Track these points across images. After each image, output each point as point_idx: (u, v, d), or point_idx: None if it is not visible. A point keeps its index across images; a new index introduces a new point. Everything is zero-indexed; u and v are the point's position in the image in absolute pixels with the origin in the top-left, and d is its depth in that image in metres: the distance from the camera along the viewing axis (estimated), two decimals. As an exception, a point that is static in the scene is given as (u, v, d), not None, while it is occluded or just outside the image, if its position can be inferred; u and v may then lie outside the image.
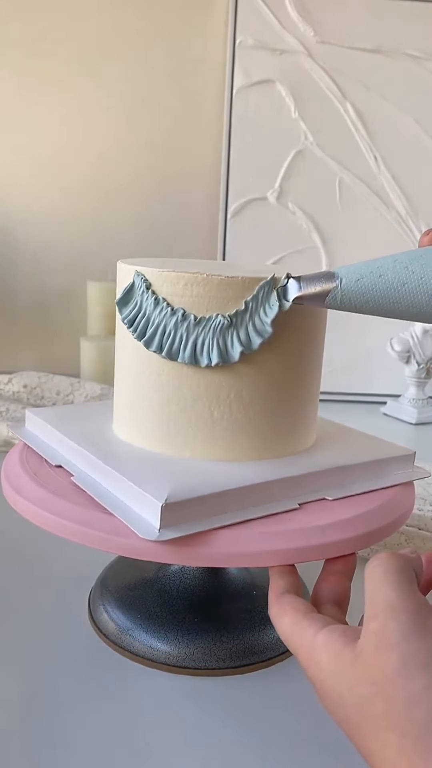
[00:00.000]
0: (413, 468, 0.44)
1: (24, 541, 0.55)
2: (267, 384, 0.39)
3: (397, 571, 0.28)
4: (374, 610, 0.27)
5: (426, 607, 0.27)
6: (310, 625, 0.30)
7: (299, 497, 0.38)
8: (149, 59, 1.06)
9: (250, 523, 0.35)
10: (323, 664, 0.28)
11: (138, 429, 0.41)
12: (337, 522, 0.36)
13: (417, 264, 0.33)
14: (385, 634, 0.26)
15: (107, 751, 0.35)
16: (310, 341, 0.41)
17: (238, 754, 0.35)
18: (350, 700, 0.26)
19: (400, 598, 0.27)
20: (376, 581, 0.28)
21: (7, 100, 1.06)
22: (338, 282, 0.34)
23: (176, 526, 0.34)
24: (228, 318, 0.37)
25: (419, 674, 0.24)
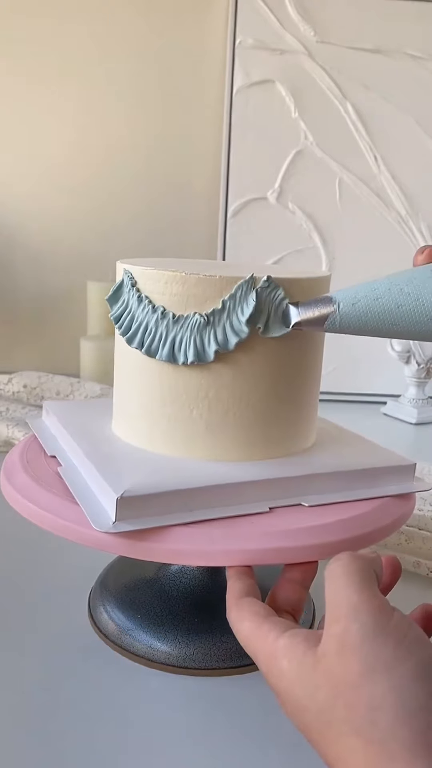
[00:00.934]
0: (412, 480, 0.42)
1: (24, 541, 0.55)
2: (246, 385, 0.39)
3: (358, 573, 0.28)
4: (336, 612, 0.26)
5: (387, 608, 0.26)
6: (270, 630, 0.29)
7: (272, 501, 0.38)
8: (149, 59, 1.06)
9: (213, 523, 0.35)
10: (284, 670, 0.27)
11: (128, 425, 0.42)
12: (301, 529, 0.35)
13: (412, 285, 0.33)
14: (347, 638, 0.25)
15: (107, 751, 0.35)
16: (297, 344, 0.40)
17: (238, 754, 0.35)
18: (312, 706, 0.26)
19: (362, 600, 0.26)
20: (337, 583, 0.27)
21: (7, 101, 1.06)
22: (336, 306, 0.35)
23: (133, 520, 0.34)
24: (205, 317, 0.37)
25: (382, 677, 0.24)
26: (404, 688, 0.24)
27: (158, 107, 1.08)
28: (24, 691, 0.39)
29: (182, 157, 1.10)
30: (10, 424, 0.75)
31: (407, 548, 0.55)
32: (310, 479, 0.39)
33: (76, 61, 1.05)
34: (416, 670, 0.24)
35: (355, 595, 0.26)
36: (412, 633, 0.26)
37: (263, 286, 0.37)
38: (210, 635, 0.41)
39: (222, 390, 0.39)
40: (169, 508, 0.35)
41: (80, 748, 0.35)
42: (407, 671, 0.24)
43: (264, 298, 0.37)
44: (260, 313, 0.37)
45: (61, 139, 1.08)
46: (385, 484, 0.41)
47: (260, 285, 0.37)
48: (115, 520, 0.34)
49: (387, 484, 0.41)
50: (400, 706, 0.23)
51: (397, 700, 0.23)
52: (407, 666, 0.24)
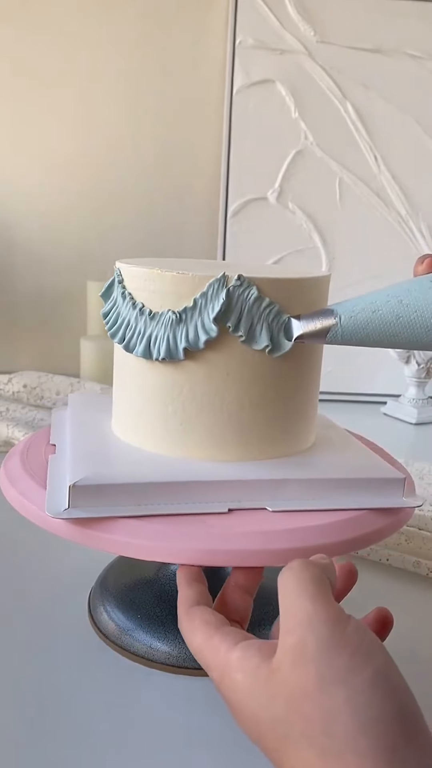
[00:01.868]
0: (401, 494, 0.39)
1: (24, 541, 0.55)
2: (219, 384, 0.38)
3: (312, 581, 0.27)
4: (290, 623, 0.26)
5: (342, 617, 0.26)
6: (222, 641, 0.28)
7: (235, 502, 0.37)
8: (149, 59, 1.06)
9: (167, 518, 0.35)
10: (238, 683, 0.27)
11: (118, 420, 0.44)
12: (252, 532, 0.34)
13: (411, 297, 0.34)
14: (302, 649, 0.25)
15: (107, 751, 0.35)
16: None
17: (238, 754, 0.35)
18: (267, 719, 0.25)
19: (316, 610, 0.26)
20: (290, 592, 0.27)
21: (7, 101, 1.06)
22: (338, 319, 0.35)
23: (86, 508, 0.35)
24: (177, 314, 0.38)
25: (337, 688, 0.23)
26: (360, 697, 0.23)
27: (158, 107, 1.08)
28: (24, 690, 0.39)
29: (182, 157, 1.10)
30: (10, 424, 0.75)
31: (407, 548, 0.55)
32: (278, 484, 0.38)
33: (76, 61, 1.05)
34: (372, 679, 0.24)
35: (309, 605, 0.26)
36: (367, 641, 0.25)
37: (235, 285, 0.36)
38: (210, 635, 0.41)
39: (195, 388, 0.39)
40: (122, 500, 0.36)
41: (80, 748, 0.35)
42: (363, 681, 0.24)
43: (236, 297, 0.37)
44: (230, 312, 0.37)
45: (61, 139, 1.08)
46: (368, 496, 0.39)
47: (232, 283, 0.36)
48: (67, 507, 0.35)
49: (371, 496, 0.39)
50: (357, 716, 0.23)
51: (353, 711, 0.23)
52: (363, 676, 0.24)
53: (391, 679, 0.24)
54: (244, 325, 0.37)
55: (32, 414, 0.80)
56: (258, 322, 0.37)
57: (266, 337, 0.37)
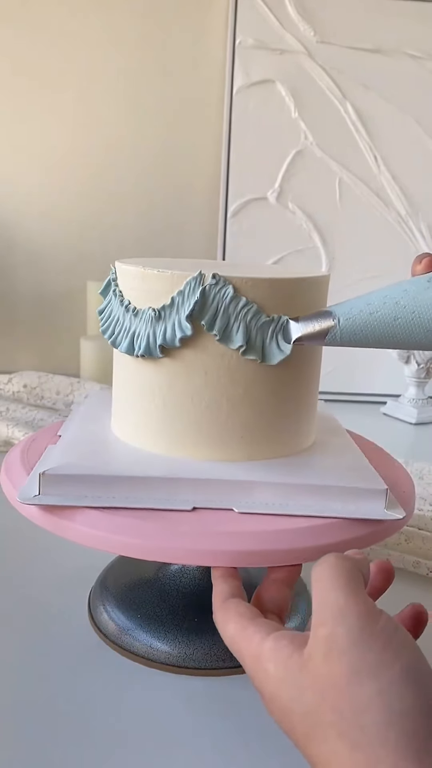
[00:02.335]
0: (383, 505, 0.37)
1: (24, 541, 0.55)
2: (195, 382, 0.39)
3: (345, 575, 0.27)
4: (322, 615, 0.26)
5: (374, 611, 0.26)
6: (256, 632, 0.29)
7: (202, 501, 0.37)
8: (149, 59, 1.06)
9: (130, 512, 0.36)
10: (270, 672, 0.27)
11: (114, 416, 0.45)
12: (210, 532, 0.34)
13: (407, 298, 0.34)
14: (333, 641, 0.25)
15: (107, 751, 0.35)
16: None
17: (238, 754, 0.35)
18: (298, 709, 0.25)
19: (349, 603, 0.26)
20: (323, 585, 0.27)
21: (7, 101, 1.06)
22: (336, 321, 0.35)
23: (53, 496, 0.36)
24: (156, 311, 0.38)
25: (368, 681, 0.24)
26: (391, 691, 0.23)
27: (158, 107, 1.08)
28: (24, 690, 0.39)
29: (182, 157, 1.10)
30: (10, 424, 0.75)
31: (407, 548, 0.55)
32: (246, 486, 0.37)
33: (76, 60, 1.05)
34: (403, 674, 0.24)
35: (341, 598, 0.26)
36: (399, 636, 0.25)
37: (210, 284, 0.37)
38: (210, 635, 0.41)
39: (174, 386, 0.39)
40: (88, 491, 0.36)
41: (80, 748, 0.35)
42: (394, 675, 0.24)
43: (212, 296, 0.37)
44: (205, 310, 0.37)
45: (62, 139, 1.08)
46: (345, 505, 0.37)
47: (207, 282, 0.37)
48: (38, 494, 0.36)
49: (348, 505, 0.37)
50: (387, 709, 0.23)
51: (383, 704, 0.23)
52: (394, 669, 0.24)
53: (422, 674, 0.24)
54: (219, 324, 0.37)
55: (32, 414, 0.80)
56: (235, 321, 0.37)
57: (242, 337, 0.37)
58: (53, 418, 0.80)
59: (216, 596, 0.33)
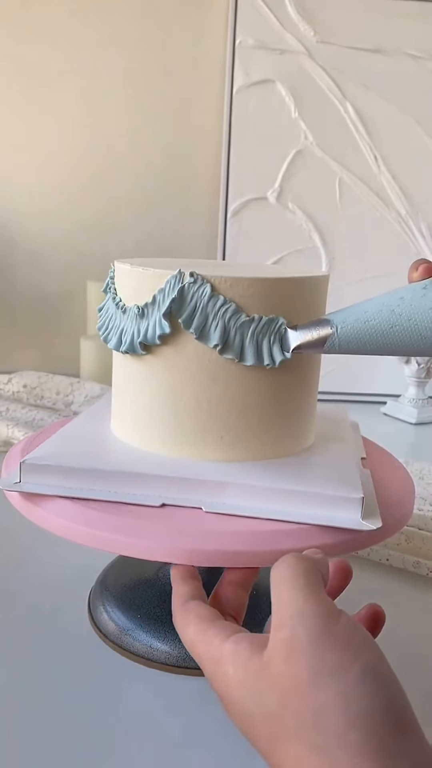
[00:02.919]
0: (359, 515, 0.35)
1: (24, 541, 0.55)
2: (176, 379, 0.39)
3: (304, 575, 0.27)
4: (282, 616, 0.26)
5: (334, 611, 0.26)
6: (216, 634, 0.28)
7: (172, 498, 0.37)
8: (149, 59, 1.06)
9: (101, 504, 0.36)
10: (230, 675, 0.27)
11: (112, 412, 0.46)
12: (172, 529, 0.34)
13: (403, 305, 0.33)
14: (293, 642, 0.25)
15: (107, 751, 0.35)
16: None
17: (238, 754, 0.35)
18: (258, 712, 0.25)
19: (308, 604, 0.26)
20: (282, 586, 0.27)
21: (7, 101, 1.06)
22: (335, 329, 0.35)
23: (31, 484, 0.38)
24: (140, 309, 0.39)
25: (328, 682, 0.24)
26: (351, 692, 0.23)
27: (158, 107, 1.08)
28: (24, 690, 0.39)
29: (182, 157, 1.10)
30: (10, 424, 0.75)
31: (407, 548, 0.55)
32: (216, 486, 0.37)
33: (76, 61, 1.05)
34: (362, 674, 0.24)
35: (300, 599, 0.26)
36: (359, 636, 0.25)
37: (189, 282, 0.37)
38: (210, 635, 0.41)
39: (156, 382, 0.40)
40: (62, 482, 0.38)
41: (80, 748, 0.35)
42: (354, 675, 0.24)
43: (190, 294, 0.37)
44: (183, 308, 0.37)
45: (61, 139, 1.08)
46: (317, 511, 0.36)
47: (186, 281, 0.37)
48: (18, 481, 0.38)
49: (320, 512, 0.36)
50: (347, 710, 0.23)
51: (343, 705, 0.23)
52: (354, 670, 0.24)
53: (381, 674, 0.24)
54: (196, 322, 0.37)
55: (32, 414, 0.80)
56: (213, 320, 0.37)
57: (219, 335, 0.37)
58: (53, 418, 0.80)
59: (176, 598, 0.32)
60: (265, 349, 0.38)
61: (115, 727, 0.36)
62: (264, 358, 0.38)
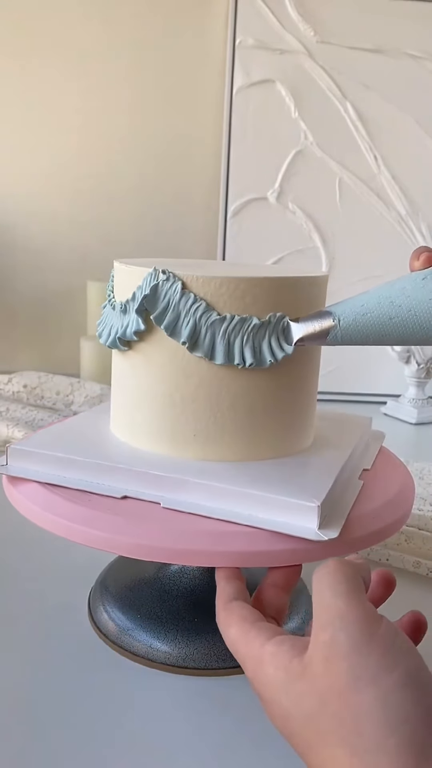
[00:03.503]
0: (315, 524, 0.34)
1: (25, 541, 0.55)
2: (154, 375, 0.40)
3: (346, 580, 0.27)
4: (323, 620, 0.26)
5: (375, 616, 0.26)
6: (257, 635, 0.29)
7: (132, 492, 0.37)
8: (149, 59, 1.06)
9: (69, 492, 0.38)
10: (271, 677, 0.27)
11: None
12: (123, 521, 0.35)
13: (403, 296, 0.33)
14: (334, 646, 0.25)
15: (107, 751, 0.35)
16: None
17: (238, 754, 0.35)
18: (298, 714, 0.25)
19: (349, 608, 0.26)
20: (324, 590, 0.27)
21: (8, 101, 1.06)
22: (337, 321, 0.35)
23: (16, 468, 0.40)
24: (123, 305, 0.40)
25: (368, 687, 0.24)
26: (390, 697, 0.23)
27: (158, 108, 1.08)
28: (24, 690, 0.39)
29: (182, 157, 1.10)
30: (10, 424, 0.75)
31: (407, 548, 0.55)
32: (175, 482, 0.37)
33: (76, 61, 1.05)
34: (403, 680, 0.24)
35: (342, 603, 0.26)
36: (399, 642, 0.25)
37: (162, 279, 0.37)
38: (210, 635, 0.41)
39: (135, 378, 0.41)
40: (40, 468, 0.40)
41: (80, 748, 0.35)
42: (394, 681, 0.24)
43: (163, 291, 0.37)
44: (155, 306, 0.38)
45: (62, 140, 1.08)
46: (274, 517, 0.35)
47: (159, 278, 0.37)
48: (5, 464, 0.41)
49: (276, 517, 0.35)
50: (386, 716, 0.23)
51: (383, 710, 0.23)
52: (393, 676, 0.24)
53: (422, 681, 0.24)
54: (168, 319, 0.37)
55: (32, 414, 0.80)
56: (185, 317, 0.37)
57: (188, 333, 0.37)
58: (53, 419, 0.80)
59: (219, 597, 0.33)
60: (237, 349, 0.37)
61: (115, 727, 0.36)
62: (234, 358, 0.37)
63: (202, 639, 0.41)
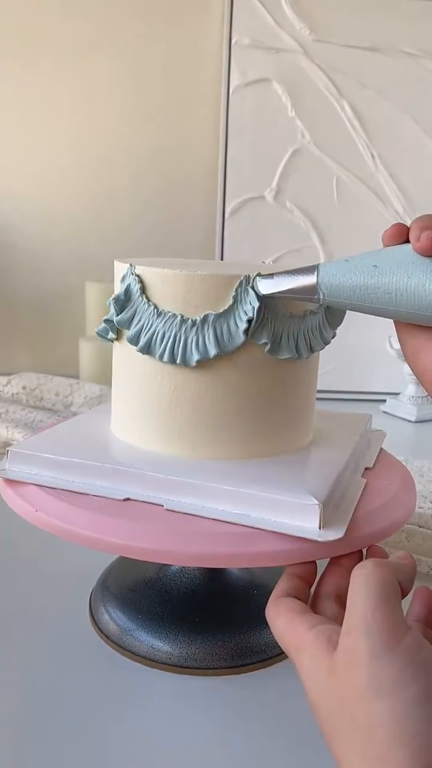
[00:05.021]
0: (317, 524, 0.34)
1: (25, 542, 0.55)
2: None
3: (379, 585, 0.27)
4: (350, 623, 0.26)
5: (400, 627, 0.26)
6: (302, 623, 0.30)
7: (134, 494, 0.37)
8: (146, 59, 1.06)
9: (70, 495, 0.38)
10: (306, 666, 0.28)
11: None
12: (126, 524, 0.35)
13: (384, 255, 0.34)
14: (355, 652, 0.25)
15: (108, 751, 0.35)
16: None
17: (239, 754, 0.35)
18: (323, 708, 0.26)
19: (376, 616, 0.26)
20: (357, 592, 0.27)
21: (7, 101, 1.06)
22: (317, 275, 0.35)
23: (15, 471, 0.40)
24: (111, 302, 0.41)
25: (384, 699, 0.24)
26: (405, 712, 0.24)
27: (155, 107, 1.08)
28: (25, 691, 0.39)
29: (179, 156, 1.10)
30: (10, 426, 0.75)
31: (407, 546, 0.55)
32: (176, 485, 0.37)
33: (73, 62, 1.05)
34: (419, 695, 0.24)
35: (369, 610, 0.26)
36: (422, 655, 0.25)
37: (127, 275, 0.39)
38: (211, 635, 0.41)
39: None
40: (38, 471, 0.40)
41: (81, 748, 0.35)
42: (409, 696, 0.24)
43: (129, 286, 0.39)
44: (120, 301, 0.40)
45: (60, 140, 1.08)
46: (274, 517, 0.35)
47: (129, 278, 0.39)
48: (5, 468, 0.41)
49: (276, 518, 0.35)
50: (398, 727, 0.24)
51: (395, 722, 0.24)
52: (410, 691, 0.24)
53: None
54: (127, 313, 0.39)
55: (32, 415, 0.80)
56: (140, 311, 0.39)
57: (135, 326, 0.39)
58: (53, 420, 0.80)
59: (274, 591, 0.33)
60: (180, 348, 0.38)
61: (117, 727, 0.36)
62: (176, 358, 0.38)
63: (203, 639, 0.41)
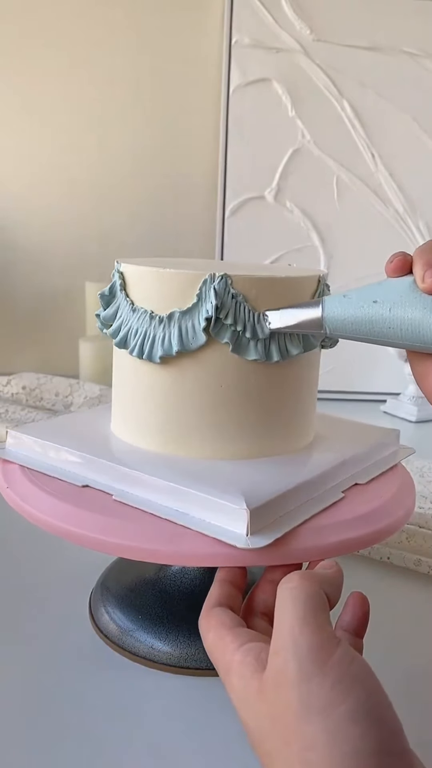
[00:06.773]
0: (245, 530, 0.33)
1: (25, 542, 0.55)
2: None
3: (305, 600, 0.26)
4: (278, 643, 0.26)
5: (329, 644, 0.25)
6: (232, 641, 0.29)
7: (92, 482, 0.39)
8: (146, 59, 1.06)
9: (39, 476, 0.40)
10: (234, 686, 0.27)
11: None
12: (75, 509, 0.36)
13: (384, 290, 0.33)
14: (284, 674, 0.25)
15: (108, 752, 0.35)
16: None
17: (239, 754, 0.35)
18: (255, 729, 0.26)
19: (303, 633, 0.25)
20: (283, 608, 0.26)
21: (5, 101, 1.06)
22: (321, 308, 0.35)
23: (11, 453, 0.43)
24: (99, 297, 0.43)
25: (317, 718, 0.23)
26: (338, 730, 0.23)
27: (155, 107, 1.08)
28: (26, 692, 0.39)
29: (180, 156, 1.10)
30: (10, 426, 0.75)
31: (408, 546, 0.55)
32: (126, 476, 0.38)
33: (73, 61, 1.05)
34: (351, 712, 0.23)
35: (296, 627, 0.26)
36: (353, 670, 0.25)
37: (114, 273, 0.41)
38: (211, 635, 0.41)
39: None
40: (27, 455, 0.42)
41: (81, 748, 0.35)
42: (342, 713, 0.23)
43: (114, 284, 0.41)
44: (104, 294, 0.42)
45: (59, 140, 1.08)
46: (206, 518, 0.35)
47: (115, 277, 0.41)
48: (4, 448, 0.44)
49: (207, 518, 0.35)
50: (333, 748, 0.23)
51: (330, 743, 0.23)
52: (342, 708, 0.23)
53: (373, 713, 0.24)
54: (111, 309, 0.41)
55: (31, 415, 0.80)
56: (121, 308, 0.41)
57: (117, 321, 0.41)
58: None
59: (206, 602, 0.33)
60: (148, 344, 0.38)
61: (117, 728, 0.36)
62: (144, 353, 0.39)
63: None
